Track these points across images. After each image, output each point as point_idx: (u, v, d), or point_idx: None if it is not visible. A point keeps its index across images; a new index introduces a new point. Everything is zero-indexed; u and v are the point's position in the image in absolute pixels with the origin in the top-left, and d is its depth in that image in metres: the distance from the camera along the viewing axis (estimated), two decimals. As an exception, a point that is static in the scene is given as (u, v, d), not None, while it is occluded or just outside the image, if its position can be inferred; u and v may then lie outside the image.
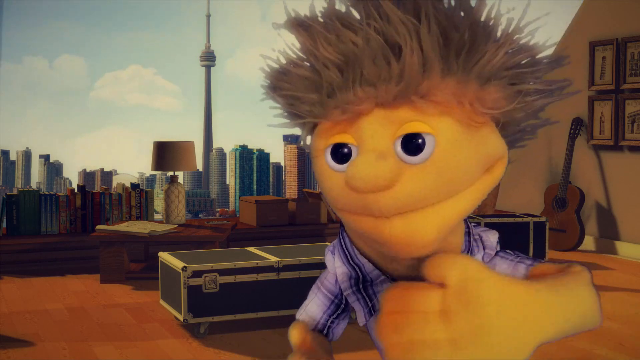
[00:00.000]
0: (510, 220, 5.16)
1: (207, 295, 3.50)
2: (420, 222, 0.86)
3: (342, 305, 1.20)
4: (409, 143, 0.86)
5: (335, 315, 1.21)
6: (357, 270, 1.06)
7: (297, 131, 1.00)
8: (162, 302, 3.82)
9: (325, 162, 0.93)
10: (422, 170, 0.85)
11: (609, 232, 5.79)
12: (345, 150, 0.91)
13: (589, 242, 5.88)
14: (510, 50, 0.88)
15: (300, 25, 0.93)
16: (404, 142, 0.86)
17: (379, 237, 0.88)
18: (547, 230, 5.18)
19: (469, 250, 1.03)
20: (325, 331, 1.22)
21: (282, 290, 3.54)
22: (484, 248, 1.07)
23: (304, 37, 0.92)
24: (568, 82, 0.96)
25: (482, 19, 0.88)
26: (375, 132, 0.88)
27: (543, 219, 5.20)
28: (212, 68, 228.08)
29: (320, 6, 0.93)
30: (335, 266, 1.11)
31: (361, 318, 1.08)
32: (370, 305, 1.05)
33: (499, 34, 0.88)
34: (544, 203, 5.96)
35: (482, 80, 0.87)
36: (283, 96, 0.95)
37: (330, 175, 0.92)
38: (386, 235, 0.87)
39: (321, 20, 0.92)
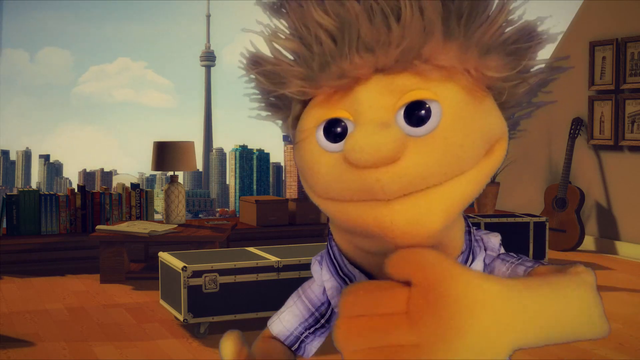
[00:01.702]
0: (510, 220, 5.16)
1: (207, 295, 3.50)
2: (424, 206, 0.78)
3: (322, 321, 1.09)
4: (412, 113, 0.79)
5: (312, 329, 1.09)
6: (348, 282, 0.96)
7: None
8: (162, 302, 3.82)
9: (315, 143, 0.84)
10: (429, 142, 0.78)
11: (609, 232, 5.79)
12: (339, 129, 0.82)
13: (589, 242, 5.87)
14: (507, 21, 0.83)
15: None
16: (406, 113, 0.79)
17: (379, 227, 0.78)
18: (547, 230, 5.18)
19: (470, 250, 0.95)
20: (296, 345, 1.10)
21: (282, 290, 3.54)
22: (485, 249, 0.99)
23: (292, 6, 0.84)
24: (566, 57, 0.90)
25: None
26: (375, 102, 0.80)
27: (543, 219, 5.20)
28: (212, 68, 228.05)
29: None
30: (324, 279, 1.02)
31: None
32: None
33: (495, 4, 0.83)
34: (544, 203, 5.96)
35: (483, 50, 0.81)
36: (267, 75, 0.86)
37: (321, 158, 0.83)
38: (387, 224, 0.77)
39: None
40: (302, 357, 1.12)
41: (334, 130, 0.82)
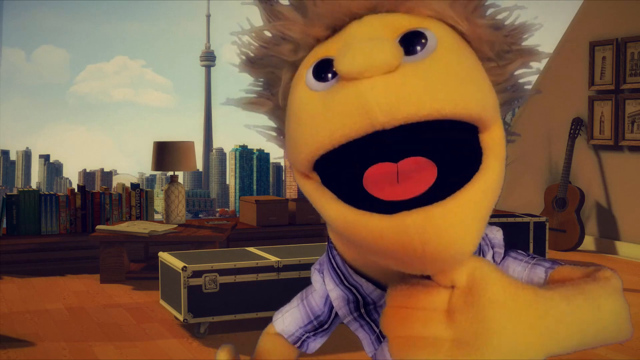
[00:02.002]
0: (510, 220, 5.15)
1: (207, 295, 3.50)
2: (459, 216, 0.71)
3: (325, 327, 1.09)
4: (408, 42, 0.75)
5: (312, 333, 1.10)
6: (355, 291, 0.93)
7: None
8: (162, 302, 3.82)
9: (305, 86, 0.78)
10: (427, 64, 0.73)
11: (609, 232, 5.79)
12: (330, 74, 0.77)
13: (589, 242, 5.87)
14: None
15: None
16: (402, 42, 0.75)
17: (407, 255, 0.73)
18: (547, 230, 5.17)
19: (479, 250, 0.95)
20: (299, 343, 1.11)
21: (282, 290, 3.54)
22: (492, 247, 0.98)
23: None
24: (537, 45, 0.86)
25: None
26: (369, 34, 0.76)
27: (543, 219, 5.20)
28: (212, 68, 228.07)
29: None
30: (328, 289, 0.99)
31: (368, 347, 0.97)
32: (377, 331, 0.94)
33: None
34: (544, 203, 5.96)
35: (472, 7, 0.80)
36: (265, 39, 0.83)
37: (311, 99, 0.77)
38: (419, 251, 0.71)
39: None
40: (305, 352, 1.14)
41: (325, 76, 0.77)
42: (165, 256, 3.76)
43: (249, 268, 3.56)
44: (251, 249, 3.97)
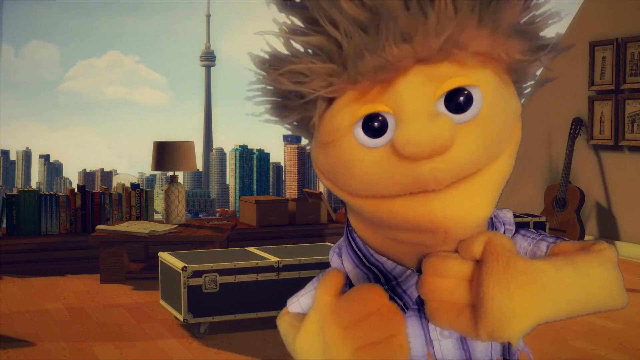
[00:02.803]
0: (510, 220, 5.15)
1: (207, 295, 3.50)
2: (475, 195, 0.82)
3: None
4: (454, 100, 0.80)
5: None
6: (376, 270, 0.96)
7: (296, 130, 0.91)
8: (162, 302, 3.82)
9: (355, 141, 0.81)
10: (474, 128, 0.80)
11: (609, 232, 5.79)
12: (377, 124, 0.80)
13: (589, 242, 5.87)
14: (526, 4, 0.84)
15: None
16: (447, 101, 0.80)
17: (431, 222, 0.81)
18: (547, 230, 5.18)
19: (492, 226, 1.00)
20: None
21: (282, 290, 3.55)
22: (504, 224, 1.04)
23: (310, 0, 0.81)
24: (572, 45, 0.94)
25: None
26: (417, 92, 0.79)
27: (543, 219, 5.20)
28: (212, 68, 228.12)
29: None
30: (346, 270, 0.99)
31: None
32: (401, 304, 0.96)
33: None
34: (544, 203, 5.96)
35: (508, 33, 0.82)
36: (288, 75, 0.82)
37: (362, 155, 0.81)
38: (440, 217, 0.80)
39: None
40: None
41: (372, 125, 0.80)
42: (165, 256, 3.76)
43: (249, 268, 3.56)
44: (251, 249, 3.97)
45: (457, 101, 0.80)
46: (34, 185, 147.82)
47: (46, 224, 5.27)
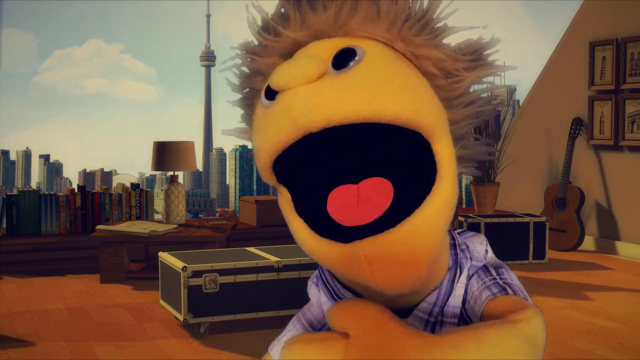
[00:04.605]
0: (510, 220, 5.15)
1: (207, 295, 3.50)
2: (405, 243, 0.79)
3: None
4: (340, 58, 0.84)
5: None
6: None
7: None
8: (162, 302, 3.82)
9: (261, 107, 0.89)
10: (349, 73, 0.82)
11: (609, 232, 5.79)
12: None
13: (589, 242, 5.88)
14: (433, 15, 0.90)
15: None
16: (335, 60, 0.84)
17: (364, 281, 0.81)
18: (547, 230, 5.18)
19: (457, 264, 0.95)
20: None
21: (282, 290, 3.54)
22: (471, 259, 0.98)
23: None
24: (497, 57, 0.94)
25: None
26: (309, 51, 0.88)
27: (543, 219, 5.20)
28: (212, 68, 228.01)
29: None
30: (322, 302, 1.02)
31: None
32: None
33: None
34: (544, 203, 5.96)
35: (416, 31, 0.89)
36: (244, 74, 0.98)
37: (261, 115, 0.89)
38: (369, 277, 0.80)
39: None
40: None
41: (274, 95, 0.86)
42: (165, 256, 3.76)
43: (249, 268, 3.56)
44: (251, 249, 3.97)
45: (341, 59, 0.84)
46: (34, 185, 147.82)
47: (46, 224, 5.27)
